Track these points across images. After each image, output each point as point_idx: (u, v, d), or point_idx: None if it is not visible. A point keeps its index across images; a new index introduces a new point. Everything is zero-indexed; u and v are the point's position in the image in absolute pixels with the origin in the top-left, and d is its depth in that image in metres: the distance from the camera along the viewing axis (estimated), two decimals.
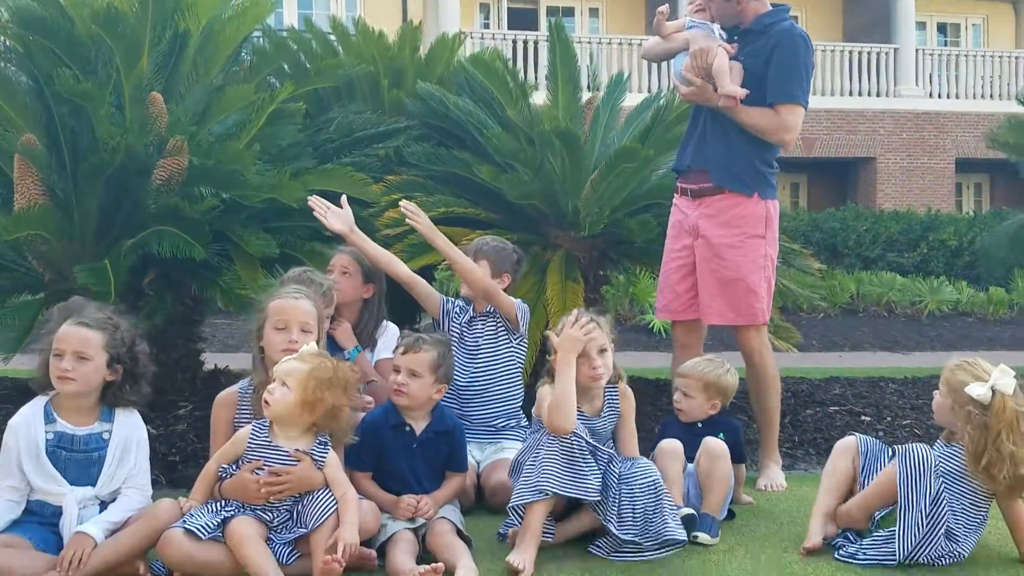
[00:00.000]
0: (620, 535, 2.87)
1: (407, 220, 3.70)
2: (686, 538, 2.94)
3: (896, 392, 5.72)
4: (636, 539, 2.88)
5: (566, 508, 2.98)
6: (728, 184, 3.81)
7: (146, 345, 2.91)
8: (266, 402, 2.72)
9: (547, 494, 2.81)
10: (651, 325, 9.77)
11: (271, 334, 2.94)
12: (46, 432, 2.69)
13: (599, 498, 2.90)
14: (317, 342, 2.94)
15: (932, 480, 2.84)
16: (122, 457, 2.78)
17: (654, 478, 2.94)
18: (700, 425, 3.48)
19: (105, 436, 2.76)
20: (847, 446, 3.11)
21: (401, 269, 3.68)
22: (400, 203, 3.73)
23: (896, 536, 2.83)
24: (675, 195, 4.04)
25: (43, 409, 2.73)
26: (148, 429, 3.03)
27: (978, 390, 2.81)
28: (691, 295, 3.94)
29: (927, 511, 2.81)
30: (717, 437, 3.34)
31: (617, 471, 2.95)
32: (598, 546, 2.93)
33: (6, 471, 2.66)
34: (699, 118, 3.94)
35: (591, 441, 2.94)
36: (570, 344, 2.94)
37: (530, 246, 4.72)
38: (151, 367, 2.88)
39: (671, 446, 3.22)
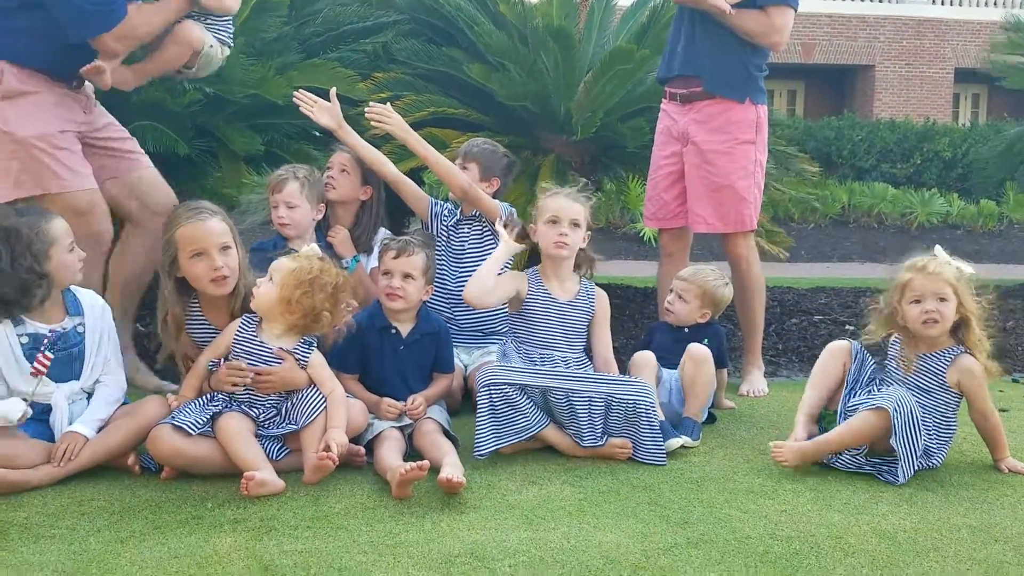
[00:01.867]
0: (583, 444, 2.92)
1: (375, 124, 3.62)
2: (661, 463, 2.91)
3: None
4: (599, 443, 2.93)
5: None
6: (719, 90, 3.74)
7: None
8: (252, 295, 2.74)
9: (490, 451, 2.86)
10: (641, 234, 9.75)
11: (191, 266, 2.81)
12: (19, 336, 2.63)
13: (546, 424, 2.93)
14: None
15: (920, 423, 2.83)
16: (99, 345, 2.77)
17: (634, 399, 2.92)
18: (686, 330, 3.51)
19: (80, 330, 2.74)
20: (839, 349, 3.07)
21: (389, 169, 3.63)
22: (366, 110, 3.65)
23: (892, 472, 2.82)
24: (663, 100, 3.96)
25: None
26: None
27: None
28: (679, 202, 3.92)
29: (919, 454, 2.83)
30: (702, 343, 3.37)
31: (608, 390, 2.94)
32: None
33: None
34: (683, 22, 3.83)
35: (526, 380, 2.92)
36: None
37: (521, 150, 4.64)
38: None
39: (644, 358, 3.25)
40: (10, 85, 2.94)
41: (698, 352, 3.26)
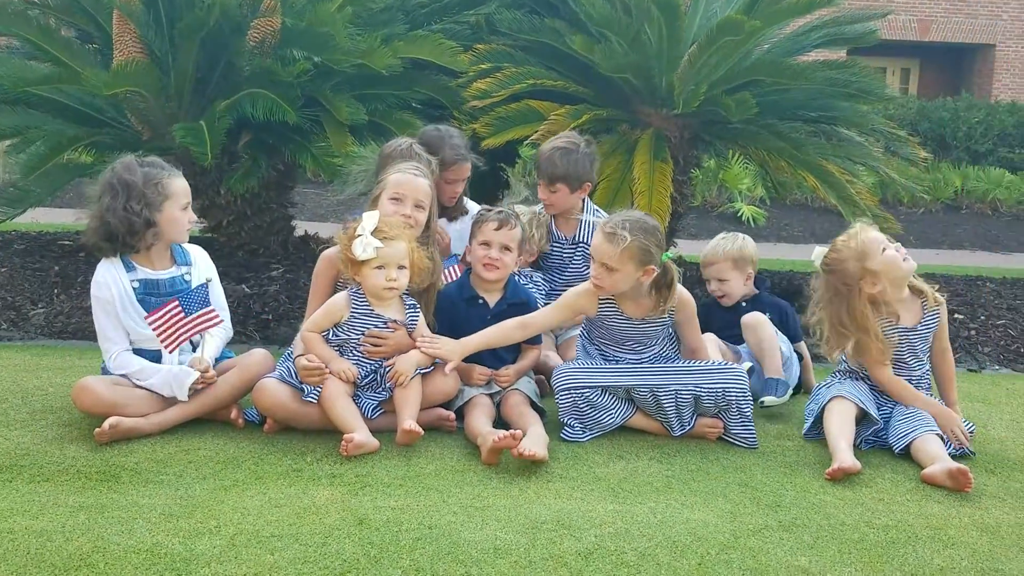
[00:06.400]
0: (675, 434, 2.91)
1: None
2: (751, 446, 2.87)
3: (993, 292, 5.50)
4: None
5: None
6: None
7: None
8: (393, 287, 2.80)
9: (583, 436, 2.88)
10: (739, 213, 9.53)
11: (386, 204, 2.96)
12: (132, 282, 2.79)
13: (632, 413, 2.93)
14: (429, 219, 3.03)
15: None
16: (206, 293, 2.89)
17: (723, 387, 2.87)
18: (744, 304, 3.46)
19: (187, 278, 2.89)
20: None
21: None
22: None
23: None
24: None
25: (120, 261, 2.82)
26: (243, 288, 3.15)
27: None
28: None
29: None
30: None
31: (695, 382, 2.88)
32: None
33: (114, 325, 2.78)
34: None
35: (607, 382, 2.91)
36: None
37: (618, 123, 4.60)
38: None
39: (753, 319, 3.25)
40: None
41: (749, 319, 3.27)
